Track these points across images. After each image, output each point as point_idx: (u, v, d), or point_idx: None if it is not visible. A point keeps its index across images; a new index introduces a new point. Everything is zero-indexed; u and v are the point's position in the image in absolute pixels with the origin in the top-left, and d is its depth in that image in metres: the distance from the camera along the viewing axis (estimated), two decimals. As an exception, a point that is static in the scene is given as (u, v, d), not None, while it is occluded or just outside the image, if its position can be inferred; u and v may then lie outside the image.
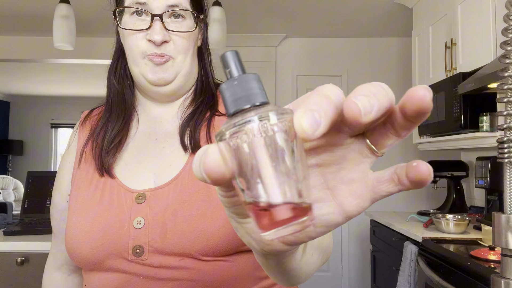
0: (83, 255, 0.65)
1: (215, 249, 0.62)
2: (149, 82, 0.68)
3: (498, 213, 0.58)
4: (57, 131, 7.64)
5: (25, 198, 2.09)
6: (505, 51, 0.57)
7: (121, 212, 0.65)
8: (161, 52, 0.66)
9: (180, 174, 0.67)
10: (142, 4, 0.66)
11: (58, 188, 0.76)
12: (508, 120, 0.57)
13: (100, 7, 3.40)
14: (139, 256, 0.63)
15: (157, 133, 0.73)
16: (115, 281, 0.64)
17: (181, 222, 0.63)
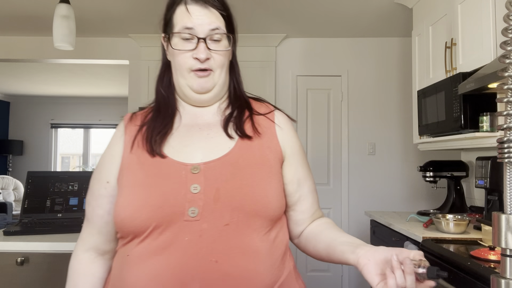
0: (139, 221, 0.76)
1: (260, 212, 0.79)
2: (194, 90, 0.87)
3: (498, 213, 0.58)
4: (57, 131, 7.64)
5: (25, 198, 2.09)
6: (505, 51, 0.57)
7: (178, 181, 0.79)
8: (204, 66, 0.84)
9: (230, 153, 0.83)
10: (190, 29, 0.84)
11: (98, 178, 0.89)
12: (508, 120, 0.57)
13: (100, 7, 3.41)
14: (193, 217, 0.76)
15: (199, 124, 0.89)
16: (161, 244, 0.76)
17: (232, 189, 0.78)
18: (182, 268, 0.74)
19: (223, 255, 0.76)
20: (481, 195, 2.58)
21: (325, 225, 0.92)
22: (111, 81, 6.03)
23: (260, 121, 0.90)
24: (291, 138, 0.92)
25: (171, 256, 0.75)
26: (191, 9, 0.85)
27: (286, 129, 0.92)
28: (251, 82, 3.77)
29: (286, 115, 0.96)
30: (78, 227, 1.90)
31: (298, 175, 0.91)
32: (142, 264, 0.76)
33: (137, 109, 1.71)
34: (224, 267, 0.75)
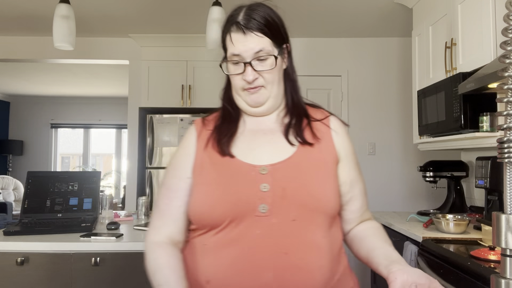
0: (216, 215, 0.87)
1: (321, 209, 0.89)
2: (248, 104, 0.96)
3: (498, 213, 0.58)
4: (57, 131, 7.64)
5: (25, 198, 2.09)
6: (505, 51, 0.57)
7: (249, 180, 0.89)
8: (253, 85, 0.93)
9: (293, 156, 0.92)
10: (237, 56, 0.92)
11: (175, 174, 0.98)
12: (508, 120, 0.57)
13: (100, 7, 3.40)
14: (263, 213, 0.86)
15: (262, 129, 0.98)
16: (236, 236, 0.86)
17: (297, 188, 0.88)
18: (256, 257, 0.84)
19: (292, 248, 0.85)
20: (481, 195, 2.58)
21: (370, 231, 1.00)
22: (111, 81, 6.03)
23: (317, 127, 0.99)
24: (345, 142, 1.00)
25: (245, 246, 0.85)
26: (234, 38, 0.92)
27: (341, 133, 1.00)
28: (251, 82, 3.77)
29: (340, 120, 1.03)
30: (78, 227, 1.90)
31: (350, 177, 0.98)
32: (219, 253, 0.87)
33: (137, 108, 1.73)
34: (293, 259, 0.85)
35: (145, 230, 1.95)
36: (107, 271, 1.68)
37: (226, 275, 0.85)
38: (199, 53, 3.78)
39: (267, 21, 0.95)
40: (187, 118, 3.73)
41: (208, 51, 2.53)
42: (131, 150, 3.95)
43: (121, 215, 2.36)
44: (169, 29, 3.63)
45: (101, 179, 2.25)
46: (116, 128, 7.68)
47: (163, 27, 3.59)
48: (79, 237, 1.76)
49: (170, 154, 3.72)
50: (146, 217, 2.35)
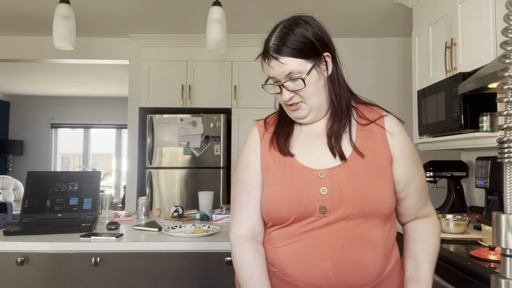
0: (283, 213, 0.97)
1: (371, 213, 0.94)
2: (295, 118, 1.05)
3: (498, 213, 0.58)
4: (57, 131, 7.64)
5: (25, 198, 2.09)
6: (505, 51, 0.57)
7: (309, 184, 0.97)
8: (291, 103, 1.01)
9: (348, 160, 0.98)
10: (273, 78, 1.01)
11: (250, 170, 1.06)
12: (508, 120, 0.57)
13: (100, 7, 3.40)
14: (323, 214, 0.95)
15: (318, 133, 1.05)
16: (298, 231, 0.96)
17: (353, 191, 0.94)
18: (316, 249, 0.94)
19: (347, 243, 0.94)
20: (481, 195, 2.58)
21: (422, 233, 1.06)
22: (111, 81, 6.03)
23: (371, 128, 1.02)
24: (400, 142, 1.02)
25: (307, 240, 0.95)
26: (267, 63, 1.02)
27: (396, 133, 1.03)
28: (251, 82, 3.77)
29: (396, 118, 1.06)
30: (78, 227, 1.90)
31: (405, 176, 1.02)
32: (284, 243, 0.98)
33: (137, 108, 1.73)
34: (349, 252, 0.93)
35: (145, 230, 1.95)
36: (107, 271, 1.68)
37: (289, 261, 0.96)
38: (199, 53, 3.78)
39: (298, 42, 0.99)
40: (187, 118, 3.73)
41: (208, 51, 2.53)
42: (131, 150, 3.95)
43: (121, 215, 2.36)
44: (169, 29, 3.63)
45: (101, 179, 2.25)
46: (116, 128, 7.68)
47: (163, 27, 3.59)
48: (79, 237, 1.76)
49: (170, 154, 3.73)
50: (146, 217, 2.35)
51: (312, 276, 0.94)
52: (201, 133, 3.72)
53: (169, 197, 3.71)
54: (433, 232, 1.06)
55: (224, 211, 2.27)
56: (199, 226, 1.95)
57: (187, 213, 2.38)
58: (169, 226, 1.94)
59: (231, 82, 3.78)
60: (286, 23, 1.03)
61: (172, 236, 1.78)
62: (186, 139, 3.72)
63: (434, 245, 1.04)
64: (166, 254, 1.69)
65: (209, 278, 1.68)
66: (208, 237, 1.76)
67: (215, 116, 3.73)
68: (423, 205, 1.06)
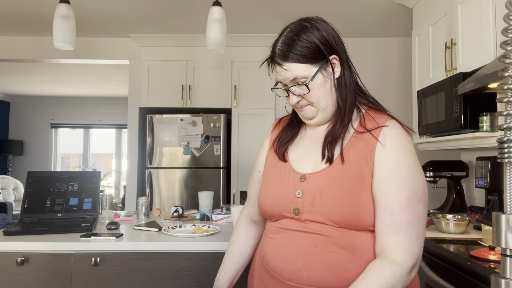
0: (265, 209, 1.07)
1: (345, 223, 0.94)
2: (305, 119, 1.08)
3: (498, 213, 0.58)
4: (57, 131, 7.64)
5: (25, 198, 2.09)
6: (505, 51, 0.57)
7: (289, 186, 1.03)
8: (299, 106, 1.05)
9: (329, 167, 0.99)
10: (280, 82, 1.04)
11: (254, 167, 1.20)
12: (508, 120, 0.57)
13: (100, 7, 3.40)
14: (297, 215, 1.00)
15: (318, 136, 1.08)
16: (279, 228, 1.04)
17: (325, 198, 0.96)
18: (292, 246, 0.99)
19: (322, 243, 0.96)
20: (481, 195, 2.58)
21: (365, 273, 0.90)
22: (111, 81, 6.03)
23: (365, 137, 0.99)
24: (388, 153, 0.95)
25: (286, 236, 1.01)
26: (273, 68, 1.04)
27: (389, 144, 0.96)
28: (251, 82, 3.77)
29: (400, 127, 0.99)
30: (78, 227, 1.90)
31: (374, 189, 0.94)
32: (270, 238, 1.06)
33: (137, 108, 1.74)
34: (323, 253, 0.95)
35: (145, 230, 1.95)
36: (107, 271, 1.68)
37: (271, 255, 1.03)
38: (199, 53, 3.78)
39: (303, 48, 0.99)
40: (187, 118, 3.73)
41: (208, 51, 2.53)
42: (131, 150, 3.95)
43: (121, 215, 2.36)
44: (169, 29, 3.63)
45: (101, 179, 2.25)
46: (116, 128, 7.68)
47: (163, 27, 3.59)
48: (79, 237, 1.76)
49: (170, 154, 3.73)
50: (146, 217, 2.35)
51: (288, 271, 0.98)
52: (201, 133, 3.72)
53: (169, 197, 3.72)
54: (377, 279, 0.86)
55: (224, 211, 2.27)
56: (199, 226, 1.95)
57: (187, 213, 2.38)
58: (169, 226, 1.94)
59: (231, 82, 3.78)
60: (293, 27, 1.03)
61: (172, 236, 1.78)
62: (186, 139, 3.72)
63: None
64: (166, 254, 1.69)
65: (209, 278, 1.68)
66: (208, 237, 1.76)
67: (215, 116, 3.73)
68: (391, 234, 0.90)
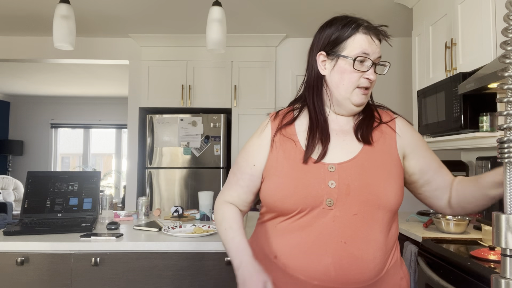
0: (288, 205, 0.99)
1: (381, 206, 0.98)
2: (354, 104, 1.04)
3: (498, 213, 0.58)
4: (57, 131, 7.63)
5: (25, 198, 2.09)
6: (505, 51, 0.57)
7: (318, 176, 0.99)
8: (369, 85, 1.03)
9: (358, 155, 1.02)
10: (367, 55, 1.01)
11: (246, 158, 1.11)
12: (508, 120, 0.57)
13: (100, 7, 3.40)
14: (329, 206, 0.97)
15: (336, 130, 1.07)
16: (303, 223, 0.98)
17: (360, 186, 0.98)
18: (319, 243, 0.96)
19: (350, 238, 0.96)
20: (481, 195, 2.58)
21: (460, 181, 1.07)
22: (111, 81, 6.03)
23: (383, 128, 1.08)
24: (410, 140, 1.08)
25: (311, 233, 0.97)
26: (368, 38, 1.03)
27: (405, 133, 1.09)
28: (251, 82, 3.77)
29: (405, 120, 1.13)
30: (78, 227, 1.90)
31: (419, 165, 1.08)
32: (288, 235, 1.00)
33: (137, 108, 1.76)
34: (351, 248, 0.96)
35: (145, 230, 1.95)
36: (107, 271, 1.68)
37: (292, 254, 0.99)
38: (199, 53, 3.78)
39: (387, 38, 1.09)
40: (187, 118, 3.73)
41: (208, 51, 2.52)
42: (131, 150, 3.95)
43: (121, 215, 2.36)
44: (169, 29, 3.63)
45: (101, 179, 2.25)
46: (116, 128, 7.68)
47: (163, 27, 3.59)
48: (79, 237, 1.76)
49: (170, 154, 3.73)
50: (146, 217, 2.35)
51: (313, 270, 0.95)
52: (201, 133, 3.72)
53: (169, 197, 3.71)
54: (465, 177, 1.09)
55: (224, 211, 2.27)
56: (199, 226, 1.95)
57: (187, 213, 2.38)
58: (169, 226, 1.94)
59: (231, 82, 3.78)
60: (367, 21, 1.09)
61: (172, 236, 1.78)
62: (186, 139, 3.72)
63: None
64: (166, 254, 1.69)
65: (209, 278, 1.68)
66: (208, 237, 1.76)
67: (215, 116, 3.73)
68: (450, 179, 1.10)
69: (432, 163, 1.10)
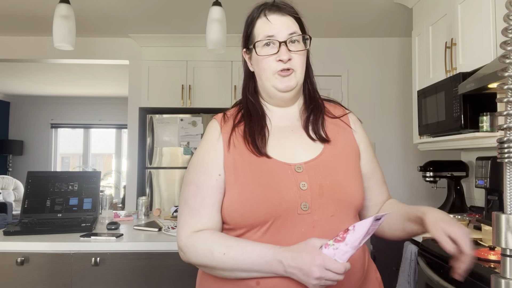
0: (260, 214, 0.87)
1: (354, 203, 0.93)
2: (279, 90, 0.96)
3: (498, 213, 0.58)
4: (57, 131, 7.63)
5: (25, 198, 2.09)
6: (505, 51, 0.57)
7: (288, 179, 0.89)
8: (287, 66, 0.94)
9: (322, 153, 0.95)
10: (271, 37, 0.94)
11: (204, 171, 0.94)
12: (508, 120, 0.57)
13: (100, 7, 3.38)
14: (305, 210, 0.88)
15: (289, 126, 0.99)
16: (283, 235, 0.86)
17: (332, 185, 0.91)
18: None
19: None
20: (481, 195, 2.58)
21: (390, 205, 1.04)
22: (111, 81, 6.03)
23: (338, 123, 1.02)
24: (362, 138, 1.04)
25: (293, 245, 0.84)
26: (271, 19, 0.96)
27: (359, 129, 1.05)
28: (251, 82, 3.77)
29: (356, 117, 1.08)
30: (78, 227, 1.90)
31: (367, 168, 1.03)
32: None
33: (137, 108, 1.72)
34: None
35: (145, 230, 1.95)
36: (107, 271, 1.68)
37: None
38: (199, 53, 3.78)
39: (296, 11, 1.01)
40: (187, 118, 3.73)
41: (208, 51, 2.53)
42: (131, 150, 3.95)
43: (121, 215, 2.36)
44: (169, 29, 3.63)
45: (101, 179, 2.25)
46: (116, 128, 7.68)
47: (163, 27, 3.59)
48: (79, 237, 1.76)
49: (170, 154, 3.73)
50: (146, 217, 2.35)
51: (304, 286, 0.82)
52: (201, 133, 3.72)
53: (169, 197, 3.72)
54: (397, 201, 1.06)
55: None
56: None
57: (187, 213, 2.38)
58: (169, 226, 1.94)
59: (231, 82, 3.78)
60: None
61: (172, 236, 1.78)
62: (186, 139, 3.72)
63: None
64: (166, 254, 1.69)
65: (209, 278, 1.68)
66: (208, 237, 1.76)
67: (215, 116, 3.73)
68: (387, 197, 1.07)
69: (377, 172, 1.05)
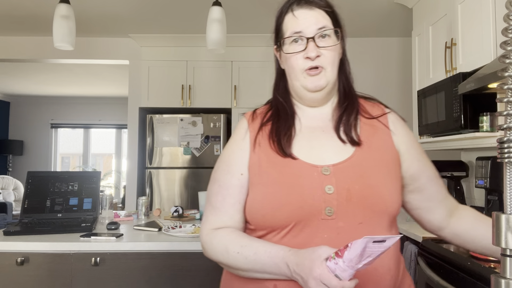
0: (281, 216, 0.83)
1: (387, 210, 0.85)
2: (308, 90, 0.91)
3: (498, 213, 0.58)
4: (57, 131, 7.63)
5: (25, 198, 2.09)
6: (505, 51, 0.57)
7: (312, 182, 0.84)
8: (315, 64, 0.88)
9: (353, 155, 0.88)
10: (299, 33, 0.89)
11: (228, 170, 0.93)
12: (508, 120, 0.57)
13: (100, 7, 3.39)
14: (329, 216, 0.83)
15: (320, 126, 0.94)
16: (303, 240, 0.82)
17: (362, 189, 0.84)
18: None
19: None
20: (481, 195, 2.58)
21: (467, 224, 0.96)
22: (111, 81, 6.03)
23: (375, 123, 0.94)
24: (404, 138, 0.95)
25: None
26: (297, 14, 0.90)
27: (400, 129, 0.96)
28: (251, 82, 3.77)
29: (398, 116, 0.99)
30: (78, 227, 1.90)
31: (412, 170, 0.95)
32: None
33: (137, 108, 1.73)
34: None
35: (145, 230, 1.95)
36: (107, 271, 1.68)
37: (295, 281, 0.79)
38: (199, 53, 3.78)
39: (328, 3, 0.94)
40: (187, 118, 3.73)
41: (208, 51, 2.53)
42: (131, 150, 3.95)
43: (121, 215, 2.36)
44: (169, 29, 3.63)
45: (101, 179, 2.25)
46: (116, 128, 7.68)
47: (163, 27, 3.59)
48: (79, 237, 1.76)
49: (170, 154, 3.73)
50: (146, 217, 2.35)
51: None
52: (201, 133, 3.72)
53: (169, 197, 3.72)
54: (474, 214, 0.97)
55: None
56: (199, 226, 1.95)
57: (187, 213, 2.38)
58: (169, 226, 1.94)
59: (231, 82, 3.78)
60: None
61: (172, 236, 1.78)
62: (186, 139, 3.72)
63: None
64: (166, 254, 1.69)
65: (209, 278, 1.68)
66: (208, 237, 1.76)
67: (215, 116, 3.73)
68: (445, 194, 0.98)
69: (427, 170, 0.97)
